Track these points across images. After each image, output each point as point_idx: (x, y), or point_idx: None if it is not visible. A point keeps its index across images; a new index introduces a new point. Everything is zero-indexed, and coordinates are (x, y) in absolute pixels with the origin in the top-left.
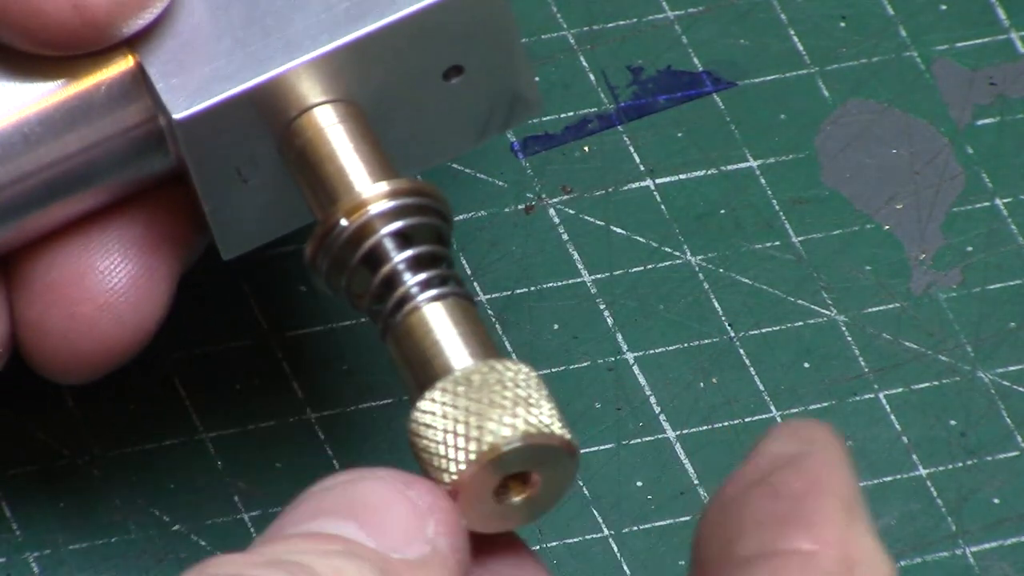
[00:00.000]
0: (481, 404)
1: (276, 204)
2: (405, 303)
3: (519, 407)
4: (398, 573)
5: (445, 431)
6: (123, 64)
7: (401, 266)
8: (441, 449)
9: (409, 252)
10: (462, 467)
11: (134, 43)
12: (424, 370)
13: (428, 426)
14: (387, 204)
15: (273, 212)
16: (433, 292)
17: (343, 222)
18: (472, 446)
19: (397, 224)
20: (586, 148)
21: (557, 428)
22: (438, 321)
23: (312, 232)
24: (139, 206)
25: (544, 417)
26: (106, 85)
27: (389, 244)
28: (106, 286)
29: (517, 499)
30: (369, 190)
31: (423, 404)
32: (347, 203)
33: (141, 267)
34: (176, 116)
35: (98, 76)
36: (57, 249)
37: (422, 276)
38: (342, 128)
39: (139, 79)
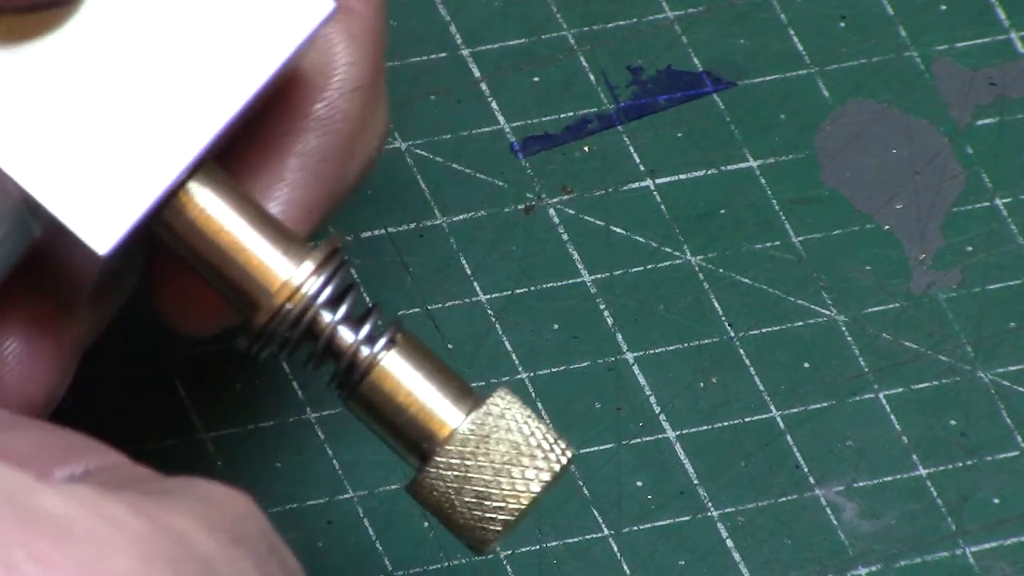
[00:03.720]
0: (496, 460)
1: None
2: (358, 363)
3: (534, 449)
4: None
5: (477, 496)
6: None
7: (342, 328)
8: (477, 514)
9: (343, 310)
10: (506, 519)
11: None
12: (414, 429)
13: (454, 490)
14: (317, 282)
15: None
16: (382, 341)
17: (287, 306)
18: (511, 503)
19: (328, 292)
20: (586, 148)
21: (563, 451)
22: (400, 371)
23: (243, 327)
24: (16, 285)
25: (554, 446)
26: None
27: (325, 313)
28: None
29: None
30: (293, 273)
31: (438, 470)
32: (282, 292)
33: (26, 346)
34: (102, 253)
35: None
36: None
37: (366, 329)
38: (224, 204)
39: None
